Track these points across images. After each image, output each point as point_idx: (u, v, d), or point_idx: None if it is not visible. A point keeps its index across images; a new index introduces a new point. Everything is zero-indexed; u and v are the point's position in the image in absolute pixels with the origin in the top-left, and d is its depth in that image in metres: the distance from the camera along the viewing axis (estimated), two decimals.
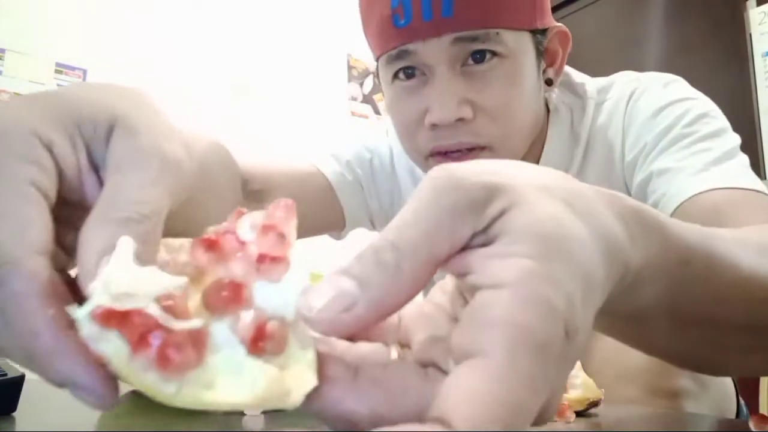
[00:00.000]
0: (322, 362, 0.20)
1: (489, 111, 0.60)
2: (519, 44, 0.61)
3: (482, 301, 0.18)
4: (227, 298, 0.20)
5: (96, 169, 0.25)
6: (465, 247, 0.20)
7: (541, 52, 0.65)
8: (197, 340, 0.18)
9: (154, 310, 0.18)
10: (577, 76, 0.74)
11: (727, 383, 0.67)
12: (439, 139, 0.61)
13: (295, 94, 2.43)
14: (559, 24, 0.67)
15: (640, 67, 0.79)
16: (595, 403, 0.42)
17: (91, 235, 0.22)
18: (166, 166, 0.25)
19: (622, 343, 0.34)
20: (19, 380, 0.39)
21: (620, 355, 0.54)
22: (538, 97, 0.66)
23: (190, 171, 0.27)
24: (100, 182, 0.25)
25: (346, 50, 2.63)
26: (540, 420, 0.19)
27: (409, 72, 0.63)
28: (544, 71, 0.67)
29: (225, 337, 0.19)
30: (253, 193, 0.62)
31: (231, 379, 0.18)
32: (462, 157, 0.61)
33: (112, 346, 0.18)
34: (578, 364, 0.43)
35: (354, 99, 2.62)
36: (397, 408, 0.19)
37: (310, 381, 0.20)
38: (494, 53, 0.60)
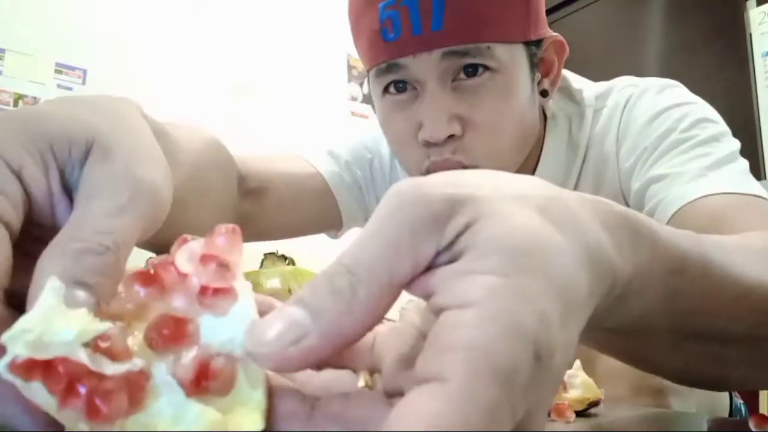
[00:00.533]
0: (276, 397, 0.19)
1: (479, 128, 0.59)
2: (511, 58, 0.59)
3: (445, 323, 0.17)
4: (169, 335, 0.18)
5: (69, 192, 0.24)
6: (429, 267, 0.18)
7: (536, 64, 0.63)
8: (135, 385, 0.17)
9: (82, 356, 0.17)
10: (575, 81, 0.72)
11: None
12: (431, 155, 0.60)
13: (295, 94, 2.43)
14: (555, 33, 0.66)
15: (640, 67, 0.80)
16: (595, 403, 0.42)
17: (45, 265, 0.20)
18: (138, 195, 0.23)
19: (615, 359, 0.33)
20: None
21: (599, 354, 0.53)
22: (533, 109, 0.65)
23: (166, 198, 0.25)
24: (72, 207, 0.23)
25: (346, 50, 2.63)
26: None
27: (400, 86, 0.61)
28: (540, 82, 0.65)
29: (164, 378, 0.18)
30: (250, 191, 0.62)
31: (171, 424, 0.17)
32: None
33: (39, 397, 0.17)
34: (578, 363, 0.43)
35: (354, 99, 2.62)
36: None
37: (256, 424, 0.18)
38: (486, 67, 0.58)
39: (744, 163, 0.60)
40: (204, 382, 0.18)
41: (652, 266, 0.24)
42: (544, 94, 0.66)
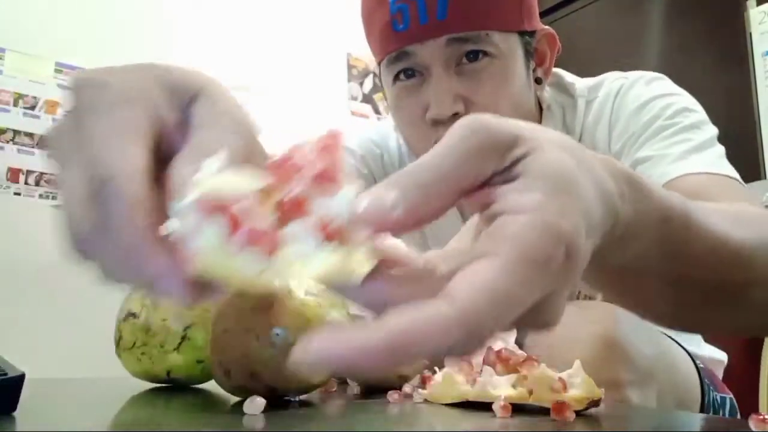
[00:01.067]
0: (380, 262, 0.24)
1: (480, 107, 0.66)
2: (508, 44, 0.67)
3: (501, 223, 0.23)
4: (294, 208, 0.23)
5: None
6: (485, 184, 0.24)
7: (530, 53, 0.72)
8: (276, 231, 0.23)
9: (244, 204, 0.22)
10: (568, 77, 0.79)
11: (687, 371, 0.65)
12: (438, 133, 0.67)
13: (295, 94, 2.43)
14: (547, 27, 0.73)
15: (640, 67, 0.80)
16: (595, 403, 0.42)
17: (180, 165, 0.26)
18: (238, 127, 0.30)
19: (613, 300, 0.41)
20: (19, 380, 0.39)
21: (564, 349, 0.54)
22: (529, 94, 0.72)
23: (256, 135, 0.32)
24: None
25: (345, 50, 2.63)
26: (536, 322, 0.24)
27: (409, 73, 0.69)
28: (534, 70, 0.73)
29: (298, 232, 0.23)
30: None
31: (305, 263, 0.23)
32: None
33: (206, 236, 0.22)
34: (578, 363, 0.43)
35: (354, 98, 2.62)
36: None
37: (365, 267, 0.23)
38: (485, 53, 0.66)
39: (721, 149, 0.67)
40: (328, 234, 0.23)
41: (648, 214, 0.31)
42: (538, 81, 0.74)
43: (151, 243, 0.24)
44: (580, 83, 0.78)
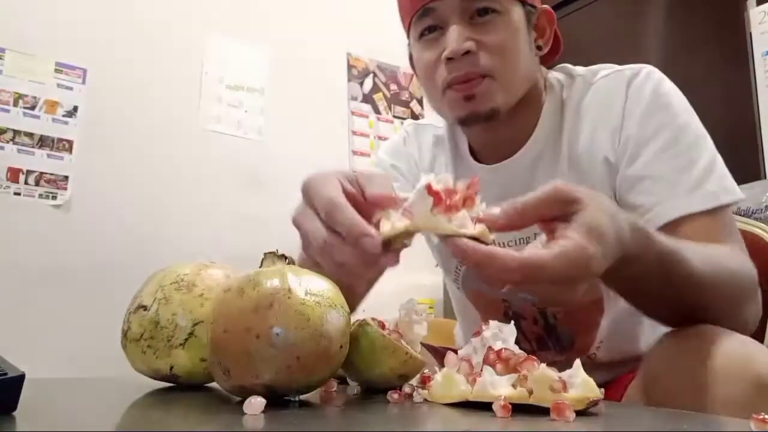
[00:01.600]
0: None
1: (489, 47, 0.80)
2: (511, 6, 0.82)
3: (558, 242, 0.48)
4: (456, 206, 0.49)
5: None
6: (553, 219, 0.51)
7: (531, 23, 0.85)
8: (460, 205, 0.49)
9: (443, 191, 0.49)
10: (570, 66, 0.92)
11: None
12: (452, 71, 0.80)
13: (296, 94, 2.43)
14: (545, 6, 0.86)
15: None
16: (595, 403, 0.42)
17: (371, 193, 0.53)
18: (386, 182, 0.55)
19: (631, 304, 0.65)
20: (19, 380, 0.39)
21: (717, 383, 0.54)
22: (531, 56, 0.85)
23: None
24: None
25: (345, 49, 2.63)
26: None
27: (432, 29, 0.83)
28: (535, 40, 0.86)
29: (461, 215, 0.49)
30: None
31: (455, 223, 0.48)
32: (471, 85, 0.80)
33: (421, 206, 0.48)
34: (578, 363, 0.43)
35: (354, 98, 2.62)
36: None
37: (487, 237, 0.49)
38: (494, 10, 0.80)
39: (718, 168, 0.75)
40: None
41: (648, 248, 0.57)
42: (539, 47, 0.87)
43: (363, 224, 0.49)
44: (579, 70, 0.90)
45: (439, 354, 0.96)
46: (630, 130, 0.80)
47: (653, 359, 0.60)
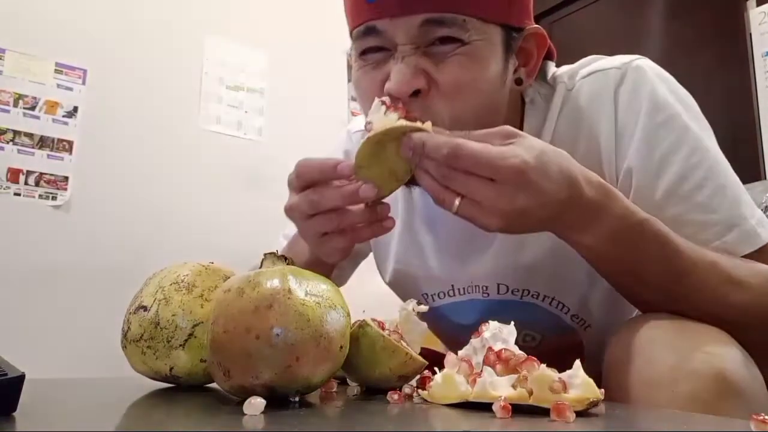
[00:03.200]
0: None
1: (443, 87, 0.62)
2: (486, 35, 0.62)
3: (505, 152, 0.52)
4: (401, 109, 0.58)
5: None
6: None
7: (512, 49, 0.66)
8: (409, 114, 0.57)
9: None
10: (550, 66, 0.75)
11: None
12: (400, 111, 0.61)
13: (296, 94, 2.43)
14: (537, 26, 0.68)
15: None
16: (595, 403, 0.42)
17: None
18: None
19: (603, 274, 0.61)
20: (19, 380, 0.39)
21: (675, 378, 0.51)
22: (501, 90, 0.67)
23: None
24: None
25: (345, 49, 2.63)
26: (503, 208, 0.52)
27: (375, 49, 0.65)
28: (516, 70, 0.68)
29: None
30: None
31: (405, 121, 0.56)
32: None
33: (377, 114, 0.57)
34: (577, 363, 0.43)
35: (354, 98, 2.62)
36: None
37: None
38: (458, 39, 0.61)
39: (742, 190, 0.64)
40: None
41: (610, 208, 0.54)
42: (518, 82, 0.69)
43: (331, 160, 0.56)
44: (559, 71, 0.75)
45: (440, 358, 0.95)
46: (631, 161, 0.66)
47: (615, 348, 0.56)
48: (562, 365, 0.46)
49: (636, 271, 0.57)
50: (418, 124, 0.55)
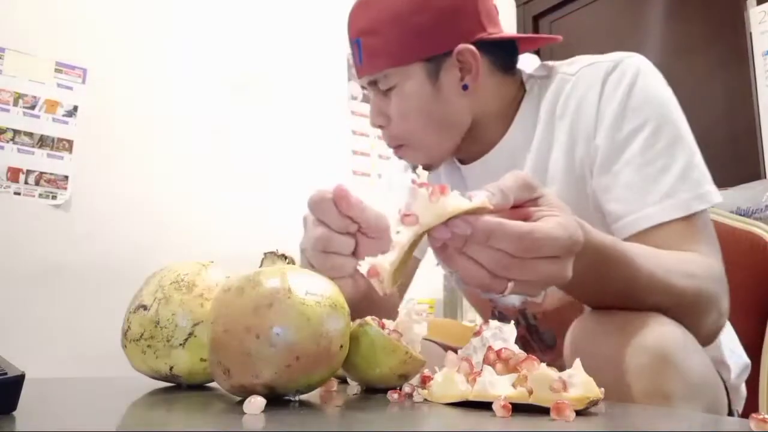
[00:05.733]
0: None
1: (393, 120, 0.86)
2: (405, 75, 0.83)
3: (540, 215, 0.51)
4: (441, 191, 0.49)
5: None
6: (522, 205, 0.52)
7: (440, 70, 0.83)
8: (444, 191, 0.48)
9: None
10: (551, 62, 0.89)
11: (720, 391, 0.68)
12: (383, 137, 0.90)
13: (296, 93, 2.43)
14: (464, 45, 0.82)
15: None
16: (594, 402, 0.42)
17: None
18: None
19: (568, 294, 0.65)
20: (19, 380, 0.39)
21: (619, 356, 0.57)
22: (449, 104, 0.85)
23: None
24: None
25: (345, 49, 2.63)
26: (561, 277, 0.51)
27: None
28: (463, 78, 0.84)
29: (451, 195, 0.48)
30: None
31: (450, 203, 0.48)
32: (395, 150, 0.89)
33: (420, 201, 0.48)
34: (577, 362, 0.43)
35: (354, 98, 2.62)
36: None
37: (466, 204, 0.48)
38: (391, 87, 0.84)
39: (694, 170, 0.74)
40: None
41: (587, 246, 0.53)
42: (465, 87, 0.85)
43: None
44: (561, 63, 0.88)
45: (444, 348, 0.97)
46: (601, 138, 0.78)
47: (575, 331, 0.63)
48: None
49: (600, 290, 0.63)
50: (475, 203, 0.48)
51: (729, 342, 0.87)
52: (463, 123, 0.87)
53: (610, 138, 0.77)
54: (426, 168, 0.87)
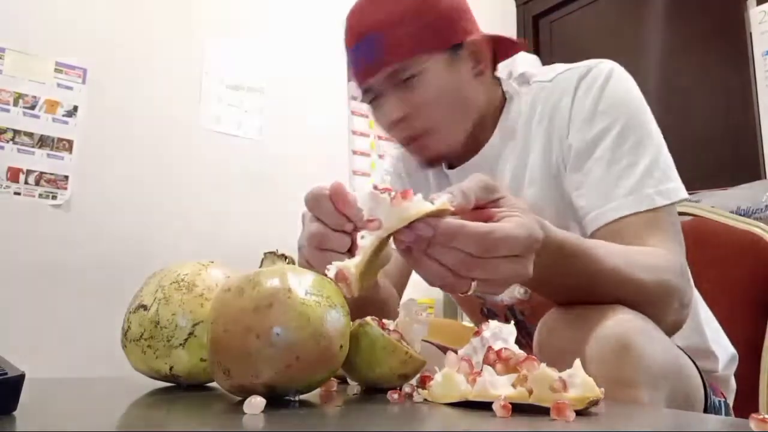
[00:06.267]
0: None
1: (416, 109, 0.87)
2: (430, 62, 0.86)
3: (501, 216, 0.53)
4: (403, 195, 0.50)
5: None
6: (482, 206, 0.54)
7: (459, 58, 0.88)
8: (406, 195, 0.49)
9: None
10: (534, 69, 0.94)
11: (689, 378, 0.70)
12: (397, 135, 0.91)
13: (296, 93, 2.43)
14: (475, 37, 0.89)
15: (640, 67, 0.82)
16: (594, 402, 0.42)
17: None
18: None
19: (535, 291, 0.72)
20: (19, 380, 0.39)
21: (582, 343, 0.59)
22: (468, 88, 0.89)
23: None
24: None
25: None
26: (521, 276, 0.53)
27: (373, 99, 0.92)
28: (475, 66, 0.90)
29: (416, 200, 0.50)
30: None
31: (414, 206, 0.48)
32: (416, 145, 0.90)
33: (381, 208, 0.49)
34: (577, 362, 0.43)
35: (354, 98, 2.62)
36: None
37: (427, 206, 0.49)
38: (413, 75, 0.86)
39: (660, 167, 0.78)
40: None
41: (549, 242, 0.56)
42: (478, 73, 0.90)
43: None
44: (539, 72, 0.93)
45: (443, 349, 0.97)
46: (573, 138, 0.83)
47: (541, 327, 0.67)
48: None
49: (564, 285, 0.65)
50: (436, 205, 0.49)
51: (712, 333, 0.89)
52: (479, 107, 0.91)
53: (581, 137, 0.82)
54: (445, 158, 0.92)
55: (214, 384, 0.58)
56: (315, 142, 2.43)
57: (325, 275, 0.50)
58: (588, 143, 0.81)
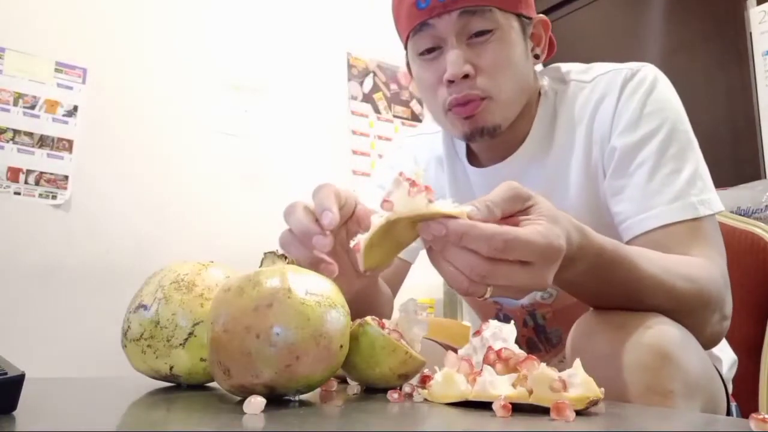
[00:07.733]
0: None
1: (485, 69, 0.81)
2: (507, 21, 0.82)
3: (527, 222, 0.52)
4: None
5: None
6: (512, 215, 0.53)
7: (527, 33, 0.86)
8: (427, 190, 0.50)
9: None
10: (564, 67, 0.92)
11: (718, 386, 0.70)
12: (452, 93, 0.82)
13: (296, 93, 2.43)
14: (540, 15, 0.88)
15: None
16: (594, 402, 0.42)
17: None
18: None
19: (577, 298, 0.67)
20: (19, 379, 0.39)
21: (621, 352, 0.58)
22: (527, 66, 0.86)
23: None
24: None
25: (345, 48, 2.63)
26: (539, 285, 0.51)
27: (430, 49, 0.84)
28: (533, 49, 0.87)
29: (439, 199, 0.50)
30: None
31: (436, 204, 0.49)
32: (471, 107, 0.81)
33: (399, 192, 0.49)
34: (578, 362, 0.43)
35: (354, 98, 2.62)
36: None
37: (450, 208, 0.49)
38: (489, 30, 0.81)
39: (701, 176, 0.77)
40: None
41: (588, 249, 0.57)
42: (537, 56, 0.89)
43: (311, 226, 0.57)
44: (574, 69, 0.91)
45: (444, 347, 0.97)
46: (616, 141, 0.80)
47: (576, 330, 0.65)
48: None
49: (602, 292, 0.64)
50: (446, 209, 0.49)
51: None
52: (529, 91, 0.87)
53: (625, 141, 0.79)
54: (491, 134, 0.83)
55: (214, 384, 0.58)
56: (315, 143, 2.43)
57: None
58: (632, 147, 0.79)
